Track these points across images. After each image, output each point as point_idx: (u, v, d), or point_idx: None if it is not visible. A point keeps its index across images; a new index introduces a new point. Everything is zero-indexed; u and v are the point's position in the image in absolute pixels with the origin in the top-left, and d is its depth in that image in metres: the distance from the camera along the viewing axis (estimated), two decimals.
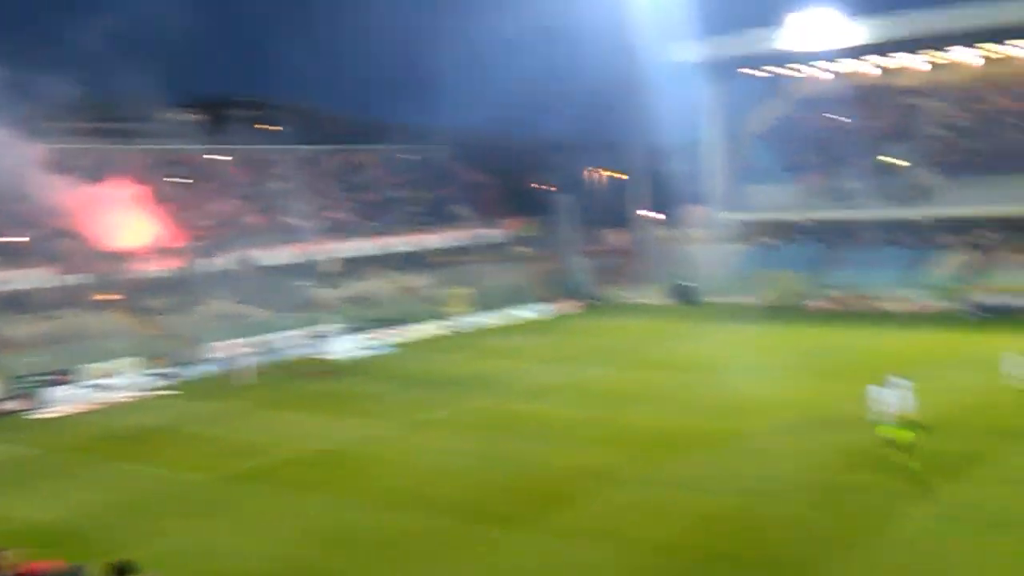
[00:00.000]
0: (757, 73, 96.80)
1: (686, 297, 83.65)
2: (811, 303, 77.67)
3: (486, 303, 77.89)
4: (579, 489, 32.02)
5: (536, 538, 27.82)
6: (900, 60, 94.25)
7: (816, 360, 53.24)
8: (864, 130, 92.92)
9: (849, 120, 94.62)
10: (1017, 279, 73.17)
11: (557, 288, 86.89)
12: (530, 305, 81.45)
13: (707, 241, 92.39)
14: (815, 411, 40.63)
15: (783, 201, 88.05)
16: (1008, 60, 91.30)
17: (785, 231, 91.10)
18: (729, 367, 51.81)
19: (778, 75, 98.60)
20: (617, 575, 24.94)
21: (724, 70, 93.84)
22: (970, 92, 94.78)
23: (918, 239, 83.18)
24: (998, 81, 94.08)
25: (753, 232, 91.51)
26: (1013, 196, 79.24)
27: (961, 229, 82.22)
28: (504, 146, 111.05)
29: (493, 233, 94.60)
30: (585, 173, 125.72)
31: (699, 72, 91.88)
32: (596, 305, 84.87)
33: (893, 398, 37.55)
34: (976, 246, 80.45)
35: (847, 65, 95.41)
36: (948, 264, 79.55)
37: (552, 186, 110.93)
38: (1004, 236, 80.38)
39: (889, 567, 24.14)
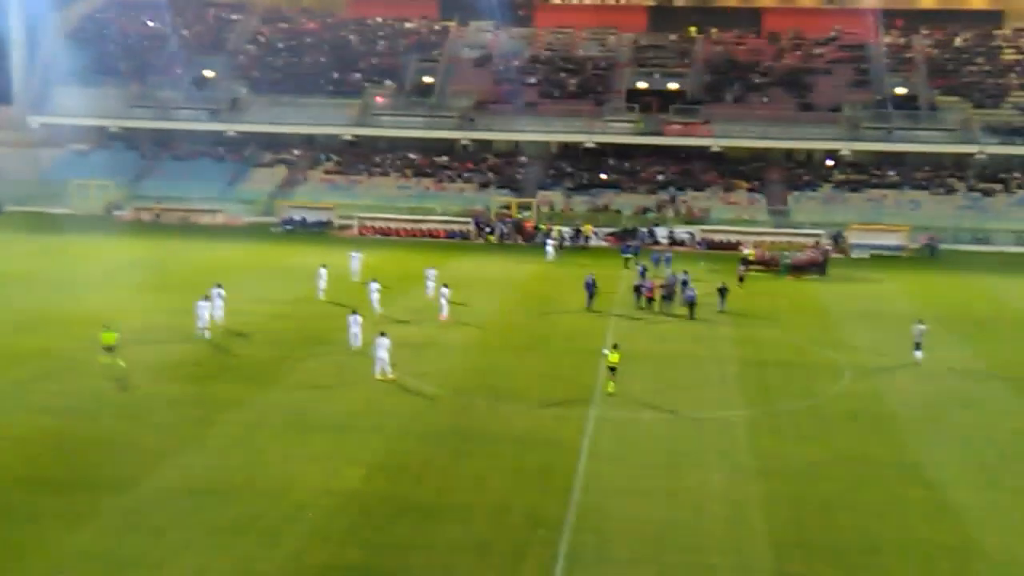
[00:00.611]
0: None
1: None
2: (126, 214, 75.91)
3: None
4: None
5: None
6: None
7: (133, 273, 52.17)
8: (180, 39, 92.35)
9: (164, 27, 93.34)
10: (319, 195, 78.79)
11: None
12: None
13: (10, 145, 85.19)
14: (133, 325, 39.86)
15: (96, 106, 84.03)
16: None
17: (98, 138, 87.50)
18: (36, 281, 48.76)
19: None
20: None
21: None
22: (279, 12, 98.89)
23: (232, 153, 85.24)
24: (302, 2, 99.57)
25: (63, 137, 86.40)
26: (316, 116, 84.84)
27: (271, 145, 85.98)
28: None
29: None
30: None
31: None
32: None
33: (210, 309, 38.57)
34: (285, 162, 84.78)
35: None
36: (260, 179, 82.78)
37: None
38: (308, 154, 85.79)
39: (204, 473, 24.79)
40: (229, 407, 29.86)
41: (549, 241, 62.89)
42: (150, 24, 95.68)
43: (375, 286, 43.43)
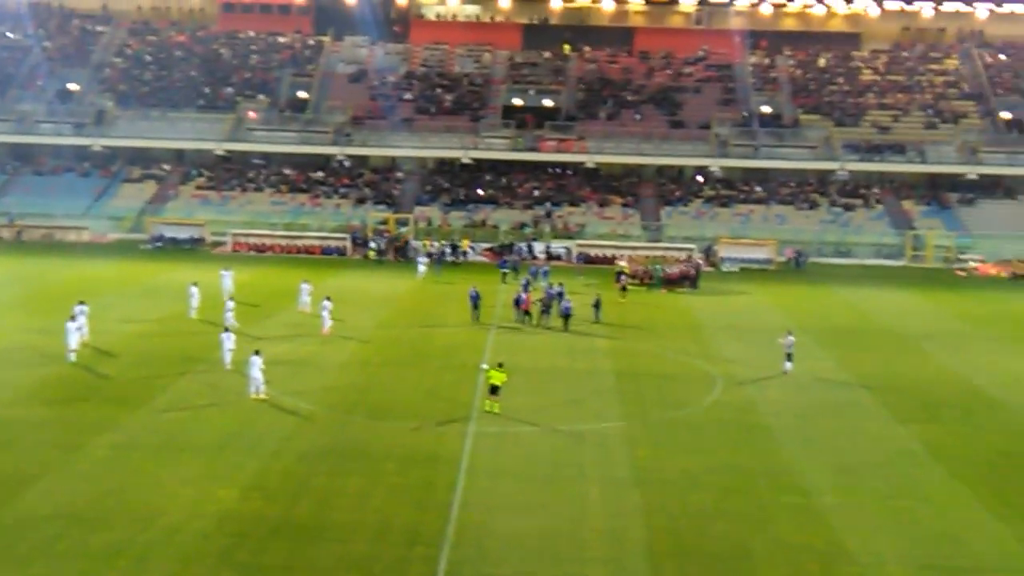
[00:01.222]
0: None
1: None
2: None
3: None
4: None
5: None
6: None
7: None
8: (42, 51, 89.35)
9: (26, 39, 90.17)
10: (191, 211, 76.98)
11: None
12: None
13: None
14: None
15: None
16: None
17: None
18: None
19: None
20: None
21: None
22: (147, 24, 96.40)
23: (99, 168, 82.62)
24: (170, 15, 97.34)
25: None
26: (186, 130, 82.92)
27: (140, 160, 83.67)
28: None
29: None
30: None
31: None
32: None
33: (80, 329, 37.23)
34: (154, 177, 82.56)
35: None
36: (128, 195, 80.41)
37: None
38: (179, 169, 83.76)
39: (72, 499, 23.85)
40: (97, 430, 28.87)
41: (420, 259, 62.48)
42: (10, 35, 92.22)
43: (230, 304, 42.81)
